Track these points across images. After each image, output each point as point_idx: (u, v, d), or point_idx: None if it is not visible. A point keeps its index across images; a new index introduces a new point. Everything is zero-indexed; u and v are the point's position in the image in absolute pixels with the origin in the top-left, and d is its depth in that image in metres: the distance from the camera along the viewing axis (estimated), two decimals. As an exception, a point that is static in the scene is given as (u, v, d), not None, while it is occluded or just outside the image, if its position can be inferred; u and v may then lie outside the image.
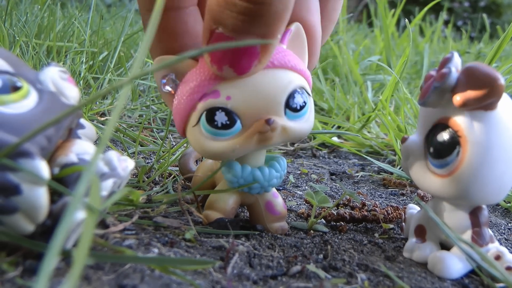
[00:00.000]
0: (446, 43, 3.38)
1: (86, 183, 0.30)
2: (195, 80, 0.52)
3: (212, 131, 0.52)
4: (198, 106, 0.52)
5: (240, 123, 0.51)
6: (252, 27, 0.46)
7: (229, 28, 0.46)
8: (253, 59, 0.48)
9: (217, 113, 0.51)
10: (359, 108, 1.47)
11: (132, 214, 0.56)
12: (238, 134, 0.52)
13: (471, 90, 0.48)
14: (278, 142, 0.53)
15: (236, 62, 0.48)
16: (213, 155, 0.54)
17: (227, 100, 0.50)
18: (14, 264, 0.41)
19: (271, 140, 0.52)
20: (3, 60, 0.43)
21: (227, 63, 0.48)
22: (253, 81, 0.51)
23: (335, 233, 0.63)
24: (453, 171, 0.50)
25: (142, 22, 0.56)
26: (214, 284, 0.45)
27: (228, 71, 0.49)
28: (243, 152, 0.53)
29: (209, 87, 0.51)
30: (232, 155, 0.53)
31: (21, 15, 1.42)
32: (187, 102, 0.52)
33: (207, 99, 0.51)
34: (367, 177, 0.99)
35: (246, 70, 0.49)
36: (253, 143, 0.52)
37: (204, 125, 0.52)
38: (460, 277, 0.53)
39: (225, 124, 0.51)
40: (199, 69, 0.52)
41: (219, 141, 0.52)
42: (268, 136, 0.52)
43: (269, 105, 0.52)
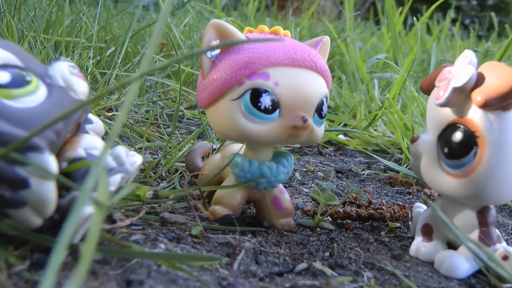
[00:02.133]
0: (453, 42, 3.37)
1: (94, 178, 0.30)
2: (247, 55, 0.52)
3: (251, 111, 0.52)
4: (245, 82, 0.52)
5: (279, 112, 0.52)
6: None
7: None
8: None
9: (263, 95, 0.52)
10: (366, 106, 1.46)
11: (139, 210, 0.56)
12: (273, 122, 0.53)
13: (493, 90, 0.48)
14: (302, 141, 0.55)
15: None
16: (241, 133, 0.53)
17: (275, 86, 0.52)
18: (21, 258, 0.41)
19: (299, 137, 0.54)
20: (13, 54, 0.43)
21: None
22: (299, 77, 0.52)
23: (341, 231, 0.63)
24: (470, 171, 0.50)
25: None
26: (220, 280, 0.45)
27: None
28: (269, 141, 0.54)
29: (260, 67, 0.52)
30: (258, 140, 0.53)
31: (30, 10, 1.41)
32: (234, 75, 0.52)
33: (257, 79, 0.52)
34: (373, 175, 0.99)
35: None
36: (284, 135, 0.53)
37: (245, 102, 0.52)
38: (467, 277, 0.53)
39: (267, 109, 0.52)
40: (253, 47, 0.53)
41: (254, 122, 0.52)
42: (299, 133, 0.53)
43: (307, 104, 0.53)
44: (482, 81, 0.49)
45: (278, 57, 0.52)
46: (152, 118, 1.09)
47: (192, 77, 1.50)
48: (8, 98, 0.40)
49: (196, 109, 1.30)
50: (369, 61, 2.03)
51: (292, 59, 0.52)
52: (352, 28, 2.27)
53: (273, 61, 0.52)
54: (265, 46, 0.53)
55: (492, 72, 0.49)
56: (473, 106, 0.50)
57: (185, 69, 1.33)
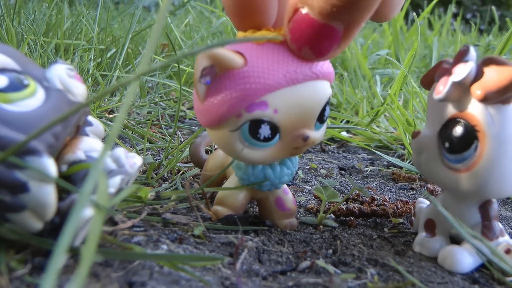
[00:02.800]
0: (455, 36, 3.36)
1: (93, 180, 0.30)
2: (245, 86, 0.49)
3: (250, 141, 0.51)
4: (243, 115, 0.50)
5: (279, 135, 0.52)
6: (341, 14, 0.45)
7: (316, 11, 0.46)
8: (334, 43, 0.48)
9: (262, 126, 0.51)
10: (368, 103, 1.46)
11: (140, 211, 0.56)
12: (274, 146, 0.53)
13: (492, 84, 0.47)
14: (301, 152, 0.56)
15: (316, 45, 0.48)
16: (242, 159, 0.54)
17: (274, 114, 0.50)
18: (22, 262, 0.41)
19: (301, 152, 0.55)
20: (10, 58, 0.43)
21: (307, 44, 0.48)
22: (299, 95, 0.51)
23: (344, 228, 0.63)
24: (472, 165, 0.50)
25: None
26: (223, 280, 0.45)
27: (307, 52, 0.49)
28: (271, 162, 0.55)
29: (258, 96, 0.49)
30: (260, 163, 0.55)
31: (29, 14, 1.42)
32: (232, 107, 0.50)
33: (255, 110, 0.50)
34: (376, 171, 0.99)
35: (325, 53, 0.49)
36: (286, 155, 0.54)
37: (244, 133, 0.51)
38: (470, 271, 0.53)
39: (267, 138, 0.51)
40: (251, 72, 0.50)
41: (255, 150, 0.52)
42: (301, 150, 0.54)
43: (307, 119, 0.52)
44: (482, 75, 0.49)
45: (277, 81, 0.50)
46: (154, 119, 1.09)
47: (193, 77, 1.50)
48: (5, 102, 0.40)
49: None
50: (370, 57, 2.03)
51: (292, 79, 0.50)
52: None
53: (271, 87, 0.49)
54: (263, 69, 0.50)
55: (491, 65, 0.48)
56: (473, 100, 0.49)
57: (186, 69, 1.33)
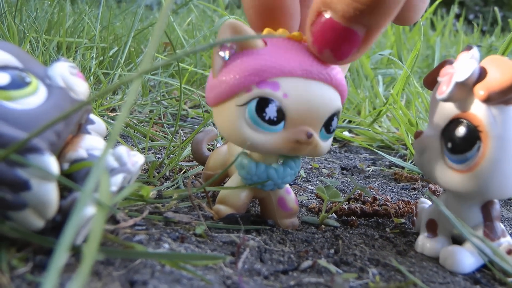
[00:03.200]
0: (457, 37, 3.37)
1: (95, 179, 0.30)
2: (260, 62, 0.50)
3: (255, 120, 0.51)
4: (253, 89, 0.50)
5: (284, 124, 0.51)
6: (363, 17, 0.45)
7: (339, 14, 0.46)
8: (354, 47, 0.48)
9: (270, 105, 0.50)
10: (370, 103, 1.46)
11: (142, 210, 0.56)
12: (277, 134, 0.51)
13: (495, 84, 0.47)
14: (304, 154, 0.54)
15: (337, 48, 0.48)
16: (241, 139, 0.52)
17: (284, 97, 0.50)
18: (24, 260, 0.40)
19: (302, 151, 0.53)
20: (12, 56, 0.43)
21: (329, 47, 0.48)
22: (311, 90, 0.50)
23: (346, 228, 0.63)
24: (474, 166, 0.50)
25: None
26: (225, 279, 0.44)
27: (328, 55, 0.49)
28: (271, 152, 0.53)
29: (271, 76, 0.50)
30: (259, 149, 0.53)
31: (31, 11, 1.42)
32: (243, 80, 0.50)
33: (265, 88, 0.50)
34: (378, 171, 0.99)
35: (345, 56, 0.49)
36: (286, 148, 0.52)
37: (251, 110, 0.50)
38: (472, 272, 0.53)
39: (272, 120, 0.51)
40: (268, 54, 0.51)
41: (256, 131, 0.51)
42: (302, 147, 0.52)
43: (315, 119, 0.52)
44: (485, 75, 0.49)
45: (292, 68, 0.50)
46: (156, 117, 1.09)
47: (196, 76, 1.50)
48: (7, 99, 0.40)
49: (200, 108, 1.30)
50: (373, 57, 2.03)
51: (307, 71, 0.50)
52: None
53: (286, 71, 0.50)
54: (281, 54, 0.51)
55: (495, 66, 0.48)
56: (476, 100, 0.49)
57: (188, 67, 1.33)
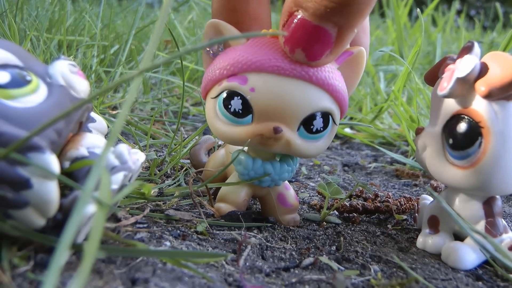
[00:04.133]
0: (459, 33, 3.36)
1: (96, 177, 0.30)
2: (231, 58, 0.52)
3: (223, 112, 0.52)
4: (223, 83, 0.52)
5: (252, 118, 0.52)
6: (334, 15, 0.45)
7: (310, 12, 0.46)
8: (326, 48, 0.48)
9: (235, 98, 0.51)
10: (372, 99, 1.46)
11: (143, 207, 0.56)
12: (244, 127, 0.52)
13: (496, 80, 0.47)
14: (279, 151, 0.54)
15: (309, 47, 0.48)
16: (215, 132, 0.54)
17: (250, 91, 0.51)
18: (25, 259, 0.40)
19: (271, 147, 0.53)
20: (12, 54, 0.43)
21: (301, 46, 0.49)
22: (283, 86, 0.50)
23: (348, 225, 0.63)
24: (476, 162, 0.50)
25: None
26: (226, 277, 0.44)
27: (300, 55, 0.49)
28: (240, 145, 0.54)
29: (240, 70, 0.51)
30: (229, 141, 0.55)
31: (32, 10, 1.41)
32: (217, 74, 0.53)
33: (233, 81, 0.51)
34: (380, 168, 0.99)
35: (317, 57, 0.49)
36: (254, 142, 0.52)
37: (219, 102, 0.52)
38: (473, 268, 0.53)
39: (237, 112, 0.52)
40: (241, 49, 0.52)
41: (225, 123, 0.53)
42: (270, 142, 0.52)
43: (286, 115, 0.51)
44: (486, 71, 0.48)
45: (262, 63, 0.50)
46: (157, 115, 1.09)
47: (197, 73, 1.50)
48: (8, 98, 0.40)
49: (201, 106, 1.30)
50: (374, 54, 2.02)
51: (278, 67, 0.50)
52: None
53: (254, 67, 0.50)
54: (254, 50, 0.51)
55: (496, 62, 0.48)
56: (477, 96, 0.49)
57: (189, 65, 1.33)
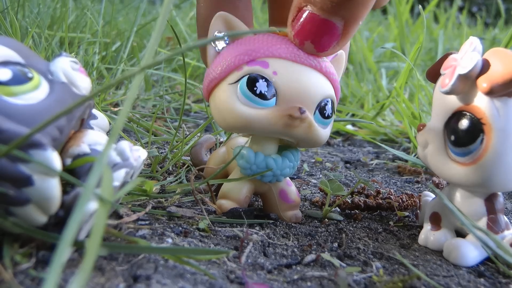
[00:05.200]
0: (460, 30, 3.35)
1: (98, 174, 0.30)
2: (250, 45, 0.53)
3: (247, 95, 0.52)
4: (243, 67, 0.52)
5: (275, 101, 0.52)
6: (340, 9, 0.48)
7: (318, 6, 0.49)
8: (333, 40, 0.51)
9: (260, 80, 0.52)
10: (374, 96, 1.46)
11: (145, 204, 0.56)
12: (269, 109, 0.52)
13: (498, 77, 0.47)
14: (299, 135, 0.53)
15: (318, 39, 0.51)
16: (236, 117, 0.53)
17: (273, 75, 0.52)
18: (27, 256, 0.40)
19: (295, 128, 0.52)
20: (14, 51, 0.43)
21: (310, 38, 0.51)
22: (300, 72, 0.52)
23: (350, 222, 0.63)
24: (477, 159, 0.50)
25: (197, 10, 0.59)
26: (228, 274, 0.44)
27: (309, 47, 0.52)
28: (264, 129, 0.53)
29: (261, 55, 0.52)
30: (253, 126, 0.53)
31: (34, 7, 1.42)
32: (234, 60, 0.53)
33: (255, 65, 0.52)
34: (381, 165, 0.99)
35: (326, 48, 0.52)
36: (280, 124, 0.52)
37: (242, 86, 0.52)
38: (475, 265, 0.52)
39: (263, 94, 0.52)
40: (257, 38, 0.54)
41: (249, 106, 0.52)
42: (295, 124, 0.52)
43: (306, 98, 0.53)
44: (488, 68, 0.48)
45: (280, 50, 0.52)
46: (159, 112, 1.09)
47: (199, 70, 1.50)
48: (9, 95, 0.40)
49: (203, 103, 1.30)
50: (376, 50, 2.02)
51: (295, 55, 0.52)
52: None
53: (274, 52, 0.52)
54: (269, 39, 0.53)
55: (498, 58, 0.48)
56: (479, 93, 0.49)
57: (191, 62, 1.33)
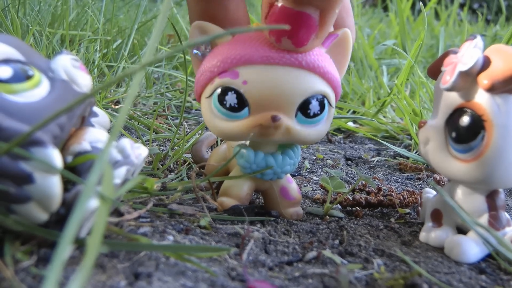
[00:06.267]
0: (462, 26, 3.35)
1: (99, 171, 0.30)
2: (220, 55, 0.52)
3: (219, 109, 0.53)
4: (215, 81, 0.52)
5: (248, 110, 0.52)
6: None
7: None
8: (311, 32, 0.49)
9: (229, 93, 0.52)
10: (375, 93, 1.46)
11: (147, 202, 0.56)
12: (242, 120, 0.52)
13: (499, 73, 0.47)
14: (279, 140, 0.54)
15: (294, 34, 0.49)
16: (214, 131, 0.55)
17: (243, 84, 0.51)
18: (28, 253, 0.41)
19: (271, 136, 0.53)
20: (14, 49, 0.43)
21: (286, 34, 0.49)
22: (274, 75, 0.51)
23: (351, 219, 0.63)
24: (478, 155, 0.50)
25: (188, 9, 0.58)
26: (229, 271, 0.45)
27: (287, 43, 0.50)
28: (242, 139, 0.55)
29: (230, 65, 0.51)
30: (230, 137, 0.55)
31: (35, 4, 1.41)
32: (207, 74, 0.53)
33: (225, 77, 0.52)
34: (383, 162, 0.99)
35: (304, 42, 0.50)
36: (255, 134, 0.52)
37: (214, 100, 0.53)
38: (477, 261, 0.52)
39: (233, 107, 0.52)
40: (228, 46, 0.53)
41: (223, 120, 0.53)
42: (270, 132, 0.52)
43: (282, 103, 0.52)
44: (489, 65, 0.48)
45: (251, 56, 0.51)
46: (160, 109, 1.09)
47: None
48: (10, 93, 0.40)
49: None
50: (377, 47, 2.02)
51: (267, 57, 0.51)
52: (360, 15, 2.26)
53: (245, 60, 0.51)
54: (240, 45, 0.52)
55: (499, 55, 0.48)
56: (479, 89, 0.49)
57: (192, 59, 1.33)
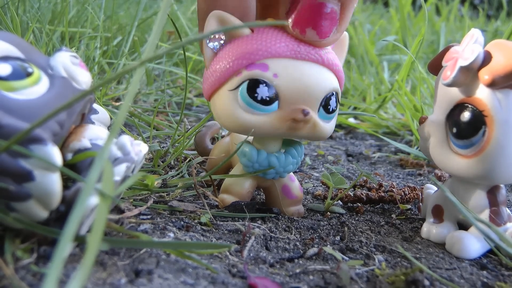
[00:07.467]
0: (462, 22, 3.34)
1: (99, 169, 0.30)
2: (248, 46, 0.51)
3: (248, 101, 0.51)
4: (242, 72, 0.51)
5: (278, 104, 0.51)
6: None
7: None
8: (333, 24, 0.51)
9: (260, 86, 0.51)
10: (375, 89, 1.46)
11: (147, 199, 0.56)
12: (272, 114, 0.52)
13: (500, 68, 0.47)
14: (304, 135, 0.53)
15: (318, 25, 0.50)
16: (235, 124, 0.53)
17: (274, 78, 0.51)
18: (28, 251, 0.40)
19: (300, 130, 0.52)
20: (14, 46, 0.43)
21: (311, 25, 0.50)
22: (302, 69, 0.51)
23: (352, 215, 0.63)
24: (480, 151, 0.50)
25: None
26: (230, 268, 0.44)
27: (311, 34, 0.51)
28: (268, 134, 0.53)
29: (259, 58, 0.51)
30: (256, 132, 0.52)
31: (34, 2, 1.41)
32: (232, 65, 0.52)
33: (254, 69, 0.51)
34: (384, 157, 0.99)
35: (327, 33, 0.51)
36: (284, 128, 0.52)
37: (242, 92, 0.51)
38: (478, 257, 0.52)
39: (264, 100, 0.51)
40: (255, 38, 0.52)
41: (251, 113, 0.52)
42: (299, 126, 0.52)
43: (309, 97, 0.52)
44: (489, 60, 0.48)
45: (279, 49, 0.51)
46: (161, 106, 1.09)
47: (200, 64, 1.50)
48: (9, 90, 0.39)
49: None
50: (378, 43, 2.02)
51: (295, 51, 0.51)
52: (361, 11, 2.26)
53: (274, 52, 0.51)
54: (267, 38, 0.52)
55: (500, 50, 0.48)
56: (480, 85, 0.49)
57: (192, 56, 1.33)
